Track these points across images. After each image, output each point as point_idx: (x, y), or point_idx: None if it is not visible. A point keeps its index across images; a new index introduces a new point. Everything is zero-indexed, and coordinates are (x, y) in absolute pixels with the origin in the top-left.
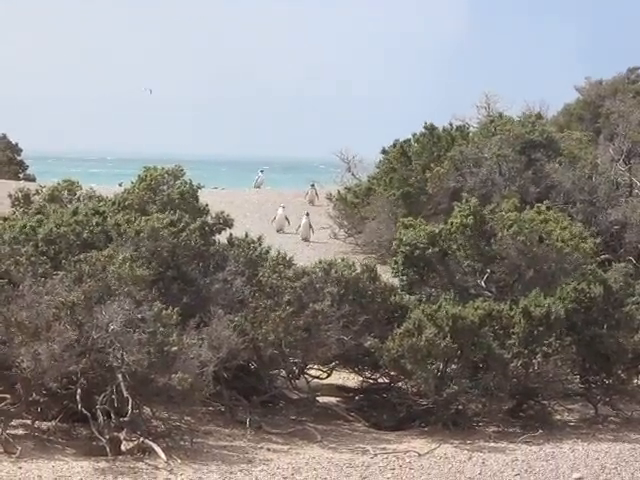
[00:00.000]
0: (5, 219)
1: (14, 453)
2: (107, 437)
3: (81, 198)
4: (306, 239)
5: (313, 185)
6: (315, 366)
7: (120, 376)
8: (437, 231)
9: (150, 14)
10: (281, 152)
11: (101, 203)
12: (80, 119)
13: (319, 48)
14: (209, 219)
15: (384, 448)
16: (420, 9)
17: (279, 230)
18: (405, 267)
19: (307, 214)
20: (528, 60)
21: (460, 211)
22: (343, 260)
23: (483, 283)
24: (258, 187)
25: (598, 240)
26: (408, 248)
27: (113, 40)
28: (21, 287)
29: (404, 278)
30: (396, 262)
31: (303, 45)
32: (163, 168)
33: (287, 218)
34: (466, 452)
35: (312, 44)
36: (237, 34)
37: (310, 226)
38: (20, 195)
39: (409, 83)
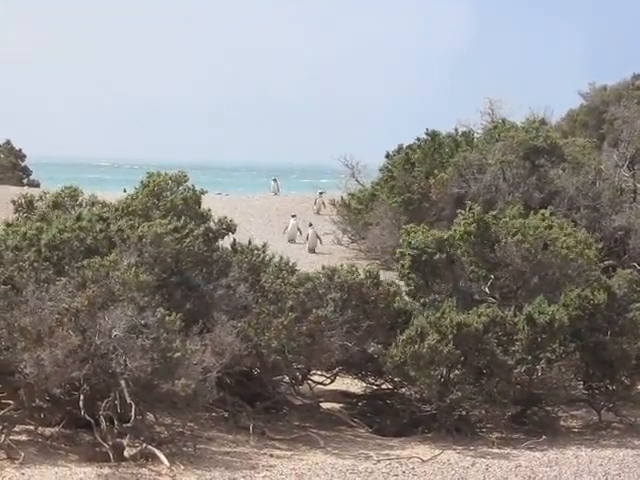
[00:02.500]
0: (8, 225)
1: (17, 459)
2: (110, 443)
3: (84, 204)
4: (313, 250)
5: (321, 194)
6: (318, 372)
7: (123, 382)
8: (445, 237)
9: (155, 19)
10: (285, 158)
11: (104, 209)
12: (86, 125)
13: (323, 54)
14: (212, 225)
15: (387, 454)
16: (424, 15)
17: (291, 240)
18: (411, 271)
19: (310, 224)
20: (532, 66)
21: (464, 219)
22: (346, 265)
23: (487, 289)
24: (275, 193)
25: (601, 245)
26: (416, 252)
27: (123, 47)
28: (24, 293)
29: (410, 282)
30: (402, 265)
31: (308, 50)
32: (166, 174)
33: (299, 228)
34: (469, 458)
35: (316, 49)
36: (249, 42)
37: (317, 237)
38: (23, 201)
39: (414, 88)
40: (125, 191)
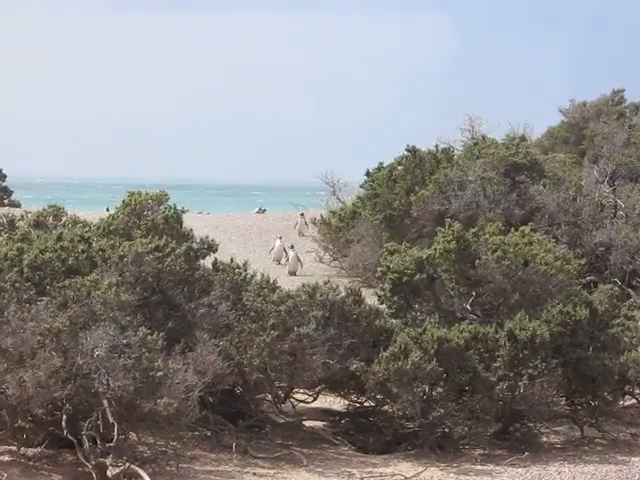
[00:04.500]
0: None
1: None
2: (93, 463)
3: (66, 224)
4: (294, 273)
5: (302, 215)
6: (301, 390)
7: (106, 402)
8: (424, 257)
9: (141, 30)
10: (265, 176)
11: (86, 229)
12: (66, 144)
13: (303, 68)
14: (194, 244)
15: (370, 472)
16: (403, 31)
17: (277, 261)
18: (393, 294)
19: (292, 247)
20: (512, 82)
21: (443, 236)
22: (327, 283)
23: (469, 306)
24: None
25: (583, 261)
26: (396, 275)
27: (99, 62)
28: (6, 313)
29: (392, 305)
30: (383, 289)
31: (287, 61)
32: (147, 193)
33: (285, 249)
34: (453, 475)
35: (295, 62)
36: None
37: (299, 260)
38: (5, 221)
39: (394, 106)
40: (108, 210)
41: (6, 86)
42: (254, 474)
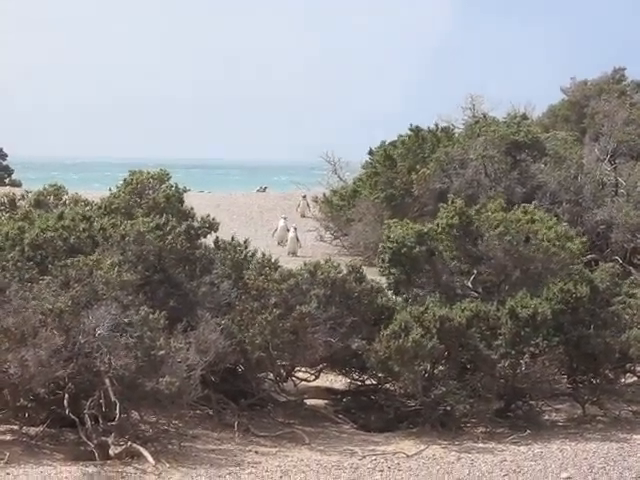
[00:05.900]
0: None
1: (2, 459)
2: (95, 442)
3: (67, 203)
4: (294, 253)
5: (305, 197)
6: (302, 368)
7: (107, 381)
8: (425, 230)
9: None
10: (265, 155)
11: (87, 207)
12: (69, 124)
13: (303, 48)
14: (195, 222)
15: (372, 450)
16: (404, 9)
17: (280, 242)
18: (392, 265)
19: (295, 228)
20: (514, 61)
21: (446, 212)
22: (328, 261)
23: (470, 284)
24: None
25: (584, 239)
26: (396, 245)
27: (102, 42)
28: (7, 293)
29: (391, 277)
30: (383, 260)
31: (288, 44)
32: (148, 172)
33: (289, 229)
34: (454, 453)
35: (296, 45)
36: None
37: (297, 240)
38: (6, 200)
39: (395, 84)
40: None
41: (7, 68)
42: (256, 452)
